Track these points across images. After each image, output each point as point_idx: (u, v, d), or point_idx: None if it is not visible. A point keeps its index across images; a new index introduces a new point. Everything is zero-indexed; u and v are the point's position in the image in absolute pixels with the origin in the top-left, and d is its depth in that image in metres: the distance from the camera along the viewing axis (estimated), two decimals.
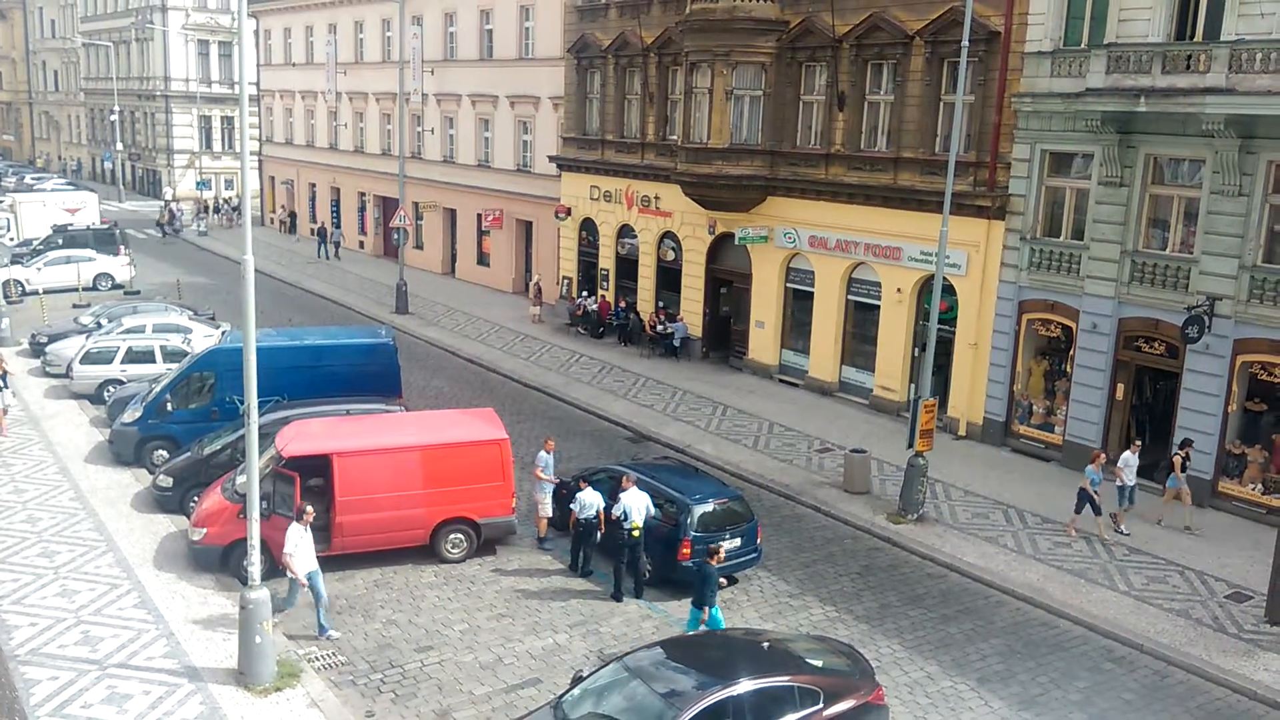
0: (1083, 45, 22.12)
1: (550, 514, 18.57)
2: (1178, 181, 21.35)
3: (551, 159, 37.53)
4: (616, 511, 16.57)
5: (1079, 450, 22.71)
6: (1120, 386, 22.29)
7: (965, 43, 19.88)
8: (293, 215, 58.48)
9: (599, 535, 17.34)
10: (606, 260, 35.80)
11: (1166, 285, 21.14)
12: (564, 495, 18.38)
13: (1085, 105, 21.35)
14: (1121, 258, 21.77)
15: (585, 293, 36.31)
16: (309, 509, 15.33)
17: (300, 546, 14.99)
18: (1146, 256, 21.52)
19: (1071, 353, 23.04)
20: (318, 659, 14.57)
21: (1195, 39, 20.37)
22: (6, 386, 23.37)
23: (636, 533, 16.43)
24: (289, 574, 15.11)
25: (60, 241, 42.44)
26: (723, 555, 15.29)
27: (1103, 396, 22.37)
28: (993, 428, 24.51)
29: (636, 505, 16.51)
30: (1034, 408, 24.14)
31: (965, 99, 22.68)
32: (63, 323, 31.64)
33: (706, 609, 14.61)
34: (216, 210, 62.04)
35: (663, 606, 16.57)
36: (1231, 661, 15.21)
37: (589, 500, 17.25)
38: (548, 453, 18.80)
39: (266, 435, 17.19)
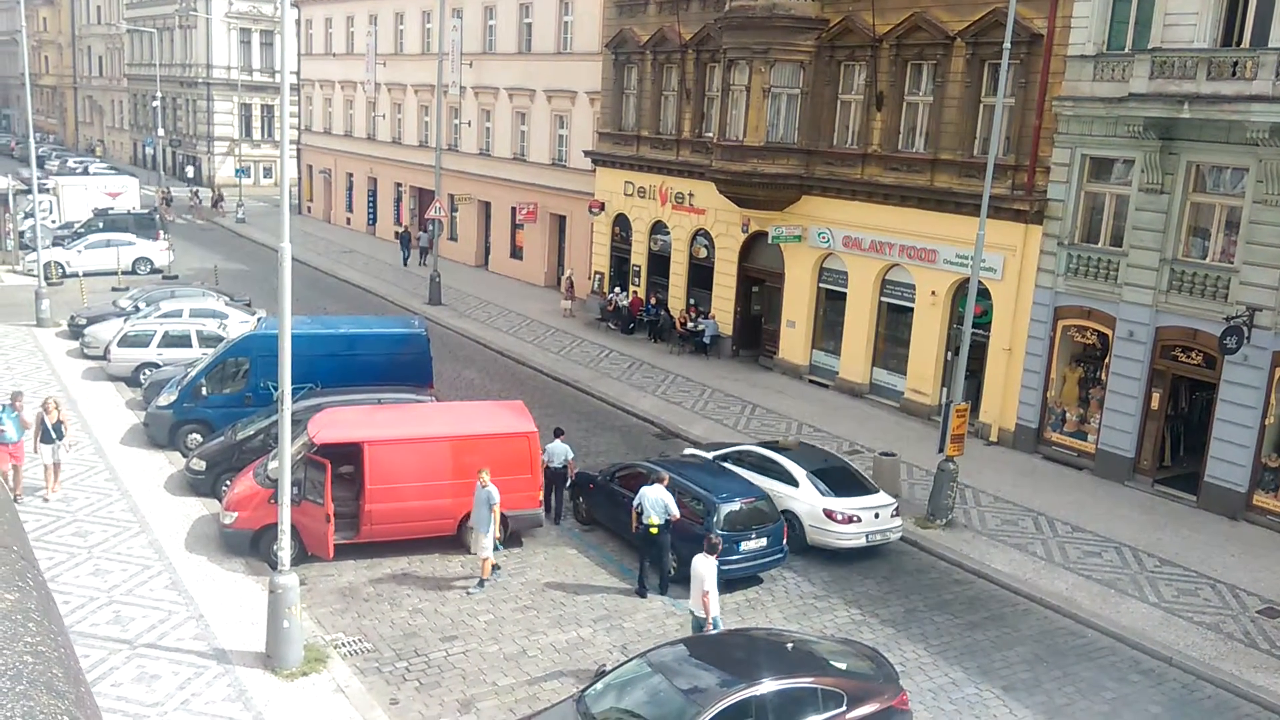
0: (1126, 50, 21.84)
1: (490, 554, 16.59)
2: (1220, 190, 21.05)
3: (587, 154, 37.57)
4: (635, 503, 16.54)
5: (1112, 459, 22.48)
6: (1156, 396, 22.02)
7: (1007, 45, 19.72)
8: None
9: (568, 485, 19.28)
10: (639, 256, 35.81)
11: (1206, 295, 20.85)
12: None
13: (1128, 110, 21.09)
14: (1160, 266, 21.50)
15: (617, 288, 36.35)
16: (719, 539, 14.56)
17: (713, 584, 13.78)
18: (1186, 265, 21.23)
19: (1107, 360, 22.78)
20: (344, 645, 14.70)
21: (1242, 45, 20.06)
22: (62, 438, 19.21)
23: (655, 529, 16.34)
24: (705, 613, 13.81)
25: (100, 225, 43.06)
26: None
27: (1138, 405, 22.11)
28: (1025, 434, 24.29)
29: (653, 500, 16.30)
30: (1067, 415, 23.89)
31: (1005, 101, 22.49)
32: (101, 305, 32.12)
33: None
34: (168, 203, 56.32)
35: (687, 604, 16.55)
36: (1263, 678, 14.99)
37: (556, 450, 18.96)
38: (482, 486, 16.24)
39: (299, 422, 17.35)
